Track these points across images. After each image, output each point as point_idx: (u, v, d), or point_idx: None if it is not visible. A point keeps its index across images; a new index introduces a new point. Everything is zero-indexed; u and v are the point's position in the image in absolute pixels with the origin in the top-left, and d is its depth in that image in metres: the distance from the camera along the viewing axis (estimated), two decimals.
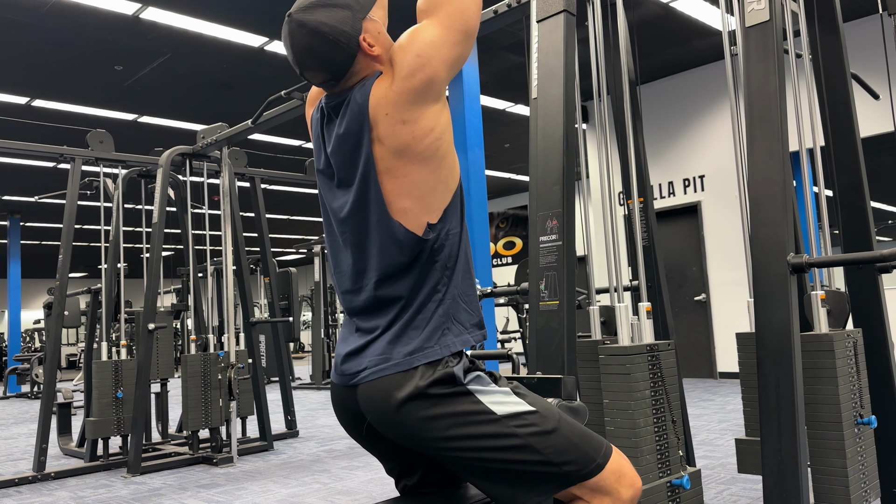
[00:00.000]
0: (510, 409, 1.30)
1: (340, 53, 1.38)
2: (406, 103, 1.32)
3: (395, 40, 1.45)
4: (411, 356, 1.30)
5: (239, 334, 5.41)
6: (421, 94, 1.32)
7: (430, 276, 1.35)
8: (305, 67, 1.43)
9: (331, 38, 1.37)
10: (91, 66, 7.07)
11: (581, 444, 1.32)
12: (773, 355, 1.95)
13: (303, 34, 1.38)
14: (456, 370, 1.30)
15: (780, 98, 2.07)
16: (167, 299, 15.25)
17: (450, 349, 1.32)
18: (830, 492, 2.09)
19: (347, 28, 1.38)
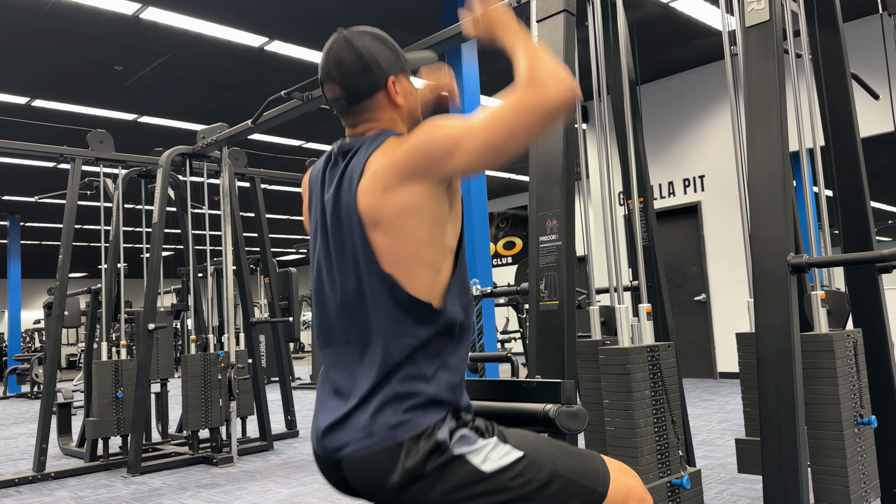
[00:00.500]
0: (500, 463, 1.26)
1: (365, 78, 1.40)
2: (394, 173, 1.30)
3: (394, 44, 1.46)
4: (395, 430, 1.25)
5: (239, 334, 5.41)
6: (411, 173, 1.29)
7: (421, 340, 1.29)
8: (328, 77, 1.43)
9: (364, 60, 1.40)
10: (91, 66, 7.07)
11: (579, 480, 1.29)
12: (773, 355, 1.95)
13: (341, 47, 1.42)
14: (440, 436, 1.25)
15: (780, 98, 2.07)
16: (167, 299, 15.25)
17: (434, 417, 1.27)
18: (830, 492, 2.09)
19: (383, 63, 1.41)
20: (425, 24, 6.59)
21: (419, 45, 3.17)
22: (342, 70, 1.41)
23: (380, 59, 1.41)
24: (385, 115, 1.43)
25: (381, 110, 1.43)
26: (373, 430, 1.26)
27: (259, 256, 9.21)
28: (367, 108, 1.42)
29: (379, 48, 1.42)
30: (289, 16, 6.27)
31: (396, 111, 1.44)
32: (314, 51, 7.04)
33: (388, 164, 1.30)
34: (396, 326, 1.30)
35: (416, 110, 1.50)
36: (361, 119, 1.43)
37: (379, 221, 1.30)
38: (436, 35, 3.10)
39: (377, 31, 1.45)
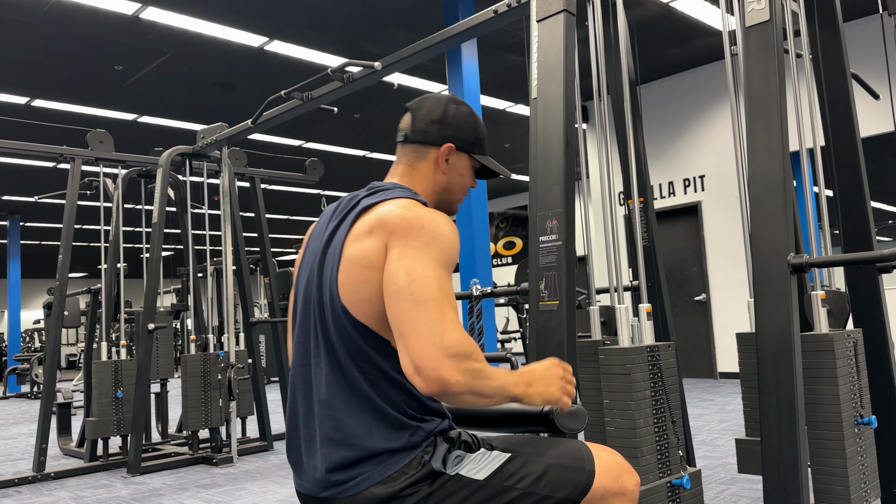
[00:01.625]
0: (489, 468, 1.29)
1: (432, 128, 1.48)
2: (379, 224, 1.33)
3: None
4: (391, 460, 1.26)
5: (239, 334, 5.41)
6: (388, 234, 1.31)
7: (388, 370, 1.30)
8: (411, 109, 1.53)
9: (444, 116, 1.49)
10: (91, 66, 7.07)
11: (568, 464, 1.34)
12: (774, 355, 1.95)
13: (441, 97, 1.53)
14: (435, 465, 1.27)
15: (780, 98, 2.07)
16: (167, 299, 15.25)
17: (422, 445, 1.28)
18: (830, 492, 2.09)
19: (456, 131, 1.49)
20: (425, 24, 6.59)
21: (419, 45, 3.17)
22: (423, 109, 1.50)
23: (457, 125, 1.49)
24: (422, 171, 1.48)
25: (423, 164, 1.48)
26: (364, 466, 1.29)
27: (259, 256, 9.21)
28: (415, 152, 1.48)
29: (464, 120, 1.50)
30: (289, 16, 6.27)
31: (435, 176, 1.48)
32: (314, 51, 7.04)
33: (385, 214, 1.33)
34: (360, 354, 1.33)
35: (453, 196, 1.52)
36: (405, 160, 1.49)
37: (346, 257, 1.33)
38: (436, 35, 3.10)
39: (476, 114, 1.54)
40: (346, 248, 1.33)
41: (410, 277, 1.23)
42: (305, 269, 1.45)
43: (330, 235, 1.40)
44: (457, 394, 1.19)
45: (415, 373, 1.18)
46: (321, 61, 7.26)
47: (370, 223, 1.33)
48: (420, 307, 1.20)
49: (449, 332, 1.20)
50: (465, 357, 1.20)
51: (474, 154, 1.52)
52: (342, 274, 1.31)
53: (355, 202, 1.41)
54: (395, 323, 1.23)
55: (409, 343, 1.19)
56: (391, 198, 1.37)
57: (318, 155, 10.46)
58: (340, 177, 12.44)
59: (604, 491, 1.36)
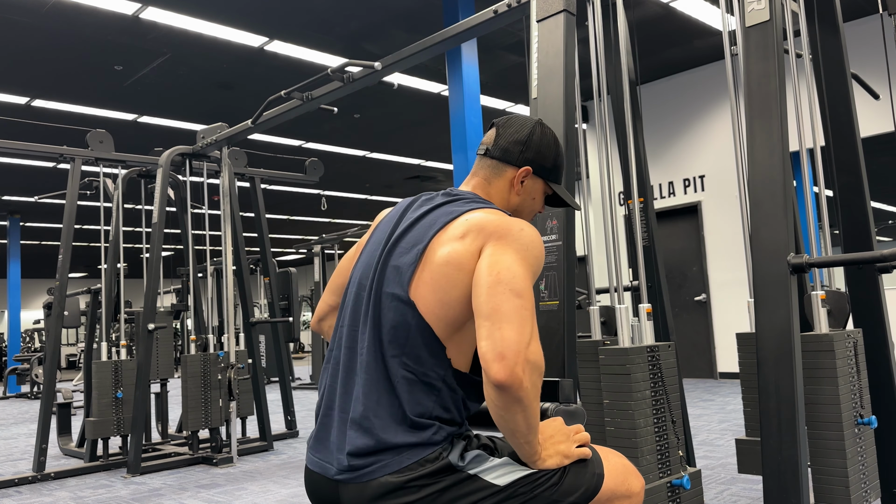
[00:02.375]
0: (511, 477, 1.31)
1: (514, 148, 1.51)
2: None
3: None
4: (409, 452, 1.27)
5: (239, 334, 5.41)
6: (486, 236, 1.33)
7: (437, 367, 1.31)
8: (498, 126, 1.55)
9: (529, 139, 1.51)
10: (91, 66, 7.07)
11: (578, 468, 1.36)
12: (774, 355, 1.95)
13: (530, 120, 1.55)
14: (452, 459, 1.28)
15: (780, 98, 2.07)
16: (167, 299, 15.25)
17: (441, 444, 1.29)
18: (830, 492, 2.09)
19: (537, 156, 1.51)
20: (425, 24, 6.59)
21: (419, 46, 3.17)
22: (510, 127, 1.53)
23: (538, 150, 1.51)
24: (498, 188, 1.51)
25: (499, 181, 1.51)
26: (382, 454, 1.30)
27: (259, 256, 9.21)
28: (493, 168, 1.52)
29: (548, 147, 1.53)
30: (289, 16, 6.27)
31: (509, 195, 1.51)
32: (314, 51, 7.04)
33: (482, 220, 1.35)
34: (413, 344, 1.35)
35: (524, 215, 1.55)
36: (482, 174, 1.52)
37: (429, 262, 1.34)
38: (436, 35, 3.10)
39: (559, 142, 1.57)
40: (431, 248, 1.34)
41: (511, 272, 1.25)
42: (367, 257, 1.46)
43: (404, 231, 1.41)
44: (519, 399, 1.19)
45: (495, 359, 1.17)
46: (321, 61, 7.26)
47: (464, 227, 1.34)
48: (517, 301, 1.22)
49: (535, 340, 1.22)
50: (538, 371, 1.22)
51: (550, 181, 1.55)
52: (425, 274, 1.32)
53: (436, 205, 1.43)
54: (487, 309, 1.22)
55: (499, 330, 1.19)
56: (478, 207, 1.40)
57: (318, 155, 10.47)
58: (340, 177, 12.44)
59: (610, 494, 1.37)
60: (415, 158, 11.65)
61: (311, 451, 1.40)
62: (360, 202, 15.25)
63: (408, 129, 9.99)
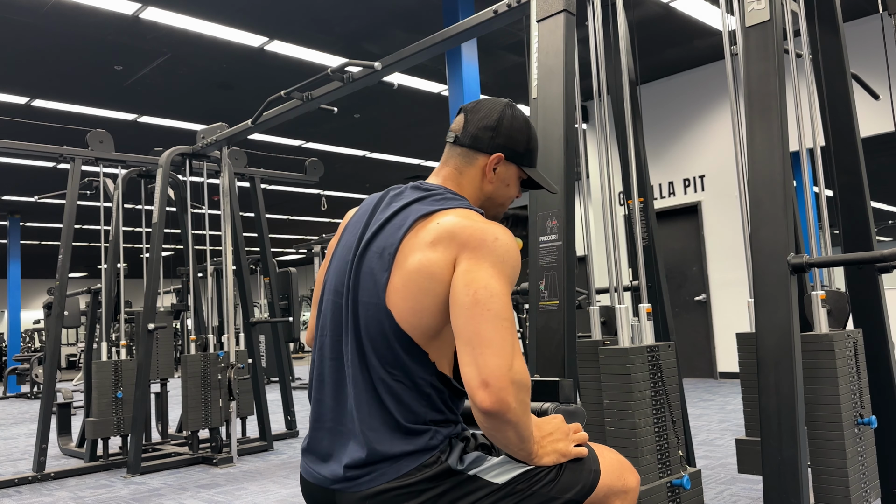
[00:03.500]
0: (509, 475, 1.31)
1: (485, 134, 1.44)
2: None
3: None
4: (407, 459, 1.26)
5: (239, 334, 5.41)
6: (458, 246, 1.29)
7: (422, 371, 1.30)
8: (466, 111, 1.48)
9: (499, 123, 1.44)
10: (91, 66, 7.07)
11: (577, 465, 1.36)
12: (774, 355, 1.95)
13: (498, 103, 1.48)
14: (451, 462, 1.27)
15: (780, 98, 2.07)
16: (167, 299, 15.25)
17: (439, 447, 1.29)
18: (830, 492, 2.09)
19: (508, 141, 1.45)
20: (425, 24, 6.59)
21: (419, 45, 3.17)
22: (479, 113, 1.46)
23: (509, 135, 1.45)
24: (469, 177, 1.45)
25: (470, 169, 1.45)
26: (378, 462, 1.29)
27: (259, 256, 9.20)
28: (463, 156, 1.45)
29: (519, 131, 1.46)
30: (289, 16, 6.27)
31: (482, 184, 1.46)
32: (314, 51, 7.04)
33: (450, 225, 1.31)
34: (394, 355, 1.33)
35: (497, 206, 1.50)
36: (452, 164, 1.46)
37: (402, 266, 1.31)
38: (436, 35, 3.10)
39: (531, 124, 1.50)
40: (402, 255, 1.30)
41: (488, 291, 1.22)
42: (338, 262, 1.42)
43: (374, 234, 1.37)
44: (508, 422, 1.19)
45: (480, 386, 1.16)
46: (321, 61, 7.26)
47: (435, 235, 1.29)
48: (496, 323, 1.20)
49: (517, 357, 1.20)
50: (524, 389, 1.21)
51: (523, 166, 1.49)
52: (396, 280, 1.29)
53: (405, 203, 1.38)
54: (465, 332, 1.20)
55: (480, 356, 1.18)
56: (449, 207, 1.35)
57: (318, 155, 10.46)
58: (340, 177, 12.44)
59: (607, 490, 1.38)
60: (415, 158, 11.65)
61: (306, 460, 1.40)
62: (360, 202, 15.22)
63: (408, 129, 9.99)
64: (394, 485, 1.25)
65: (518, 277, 1.31)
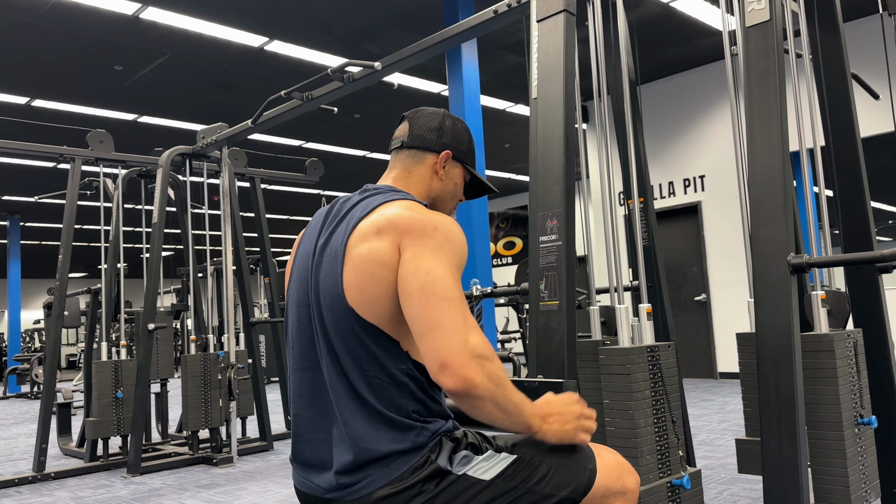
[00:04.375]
0: (496, 470, 1.31)
1: (430, 135, 1.52)
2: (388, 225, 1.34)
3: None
4: (397, 462, 1.26)
5: (239, 334, 5.41)
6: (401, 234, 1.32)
7: (399, 366, 1.30)
8: (407, 119, 1.57)
9: (442, 125, 1.53)
10: (91, 66, 7.07)
11: (571, 463, 1.36)
12: (774, 355, 1.95)
13: (437, 112, 1.57)
14: (441, 463, 1.28)
15: (780, 98, 2.07)
16: (167, 299, 15.25)
17: (428, 445, 1.29)
18: (830, 492, 2.09)
19: (453, 141, 1.53)
20: (425, 24, 6.59)
21: (419, 46, 3.17)
22: (420, 118, 1.55)
23: (453, 135, 1.54)
24: (418, 176, 1.51)
25: (420, 168, 1.51)
26: (368, 468, 1.30)
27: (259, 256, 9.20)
28: (411, 157, 1.52)
29: (461, 132, 1.56)
30: (289, 16, 6.27)
31: (431, 181, 1.52)
32: (314, 51, 7.04)
33: (392, 216, 1.33)
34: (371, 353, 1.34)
35: (445, 205, 1.56)
36: (400, 166, 1.52)
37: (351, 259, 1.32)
38: (436, 35, 3.10)
39: (468, 129, 1.59)
40: (350, 248, 1.32)
41: (431, 277, 1.24)
42: (298, 273, 1.44)
43: (327, 239, 1.39)
44: (479, 397, 1.21)
45: (440, 370, 1.19)
46: (321, 61, 7.26)
47: (377, 224, 1.32)
48: (444, 305, 1.22)
49: (472, 332, 1.22)
50: (487, 359, 1.22)
51: (467, 165, 1.56)
52: (348, 274, 1.31)
53: (352, 205, 1.41)
54: (417, 321, 1.23)
55: (434, 341, 1.20)
56: (392, 199, 1.38)
57: (318, 155, 10.46)
58: (340, 177, 12.44)
59: (605, 490, 1.37)
60: None
61: (297, 471, 1.40)
62: None
63: None
64: (387, 491, 1.24)
65: (465, 263, 1.33)
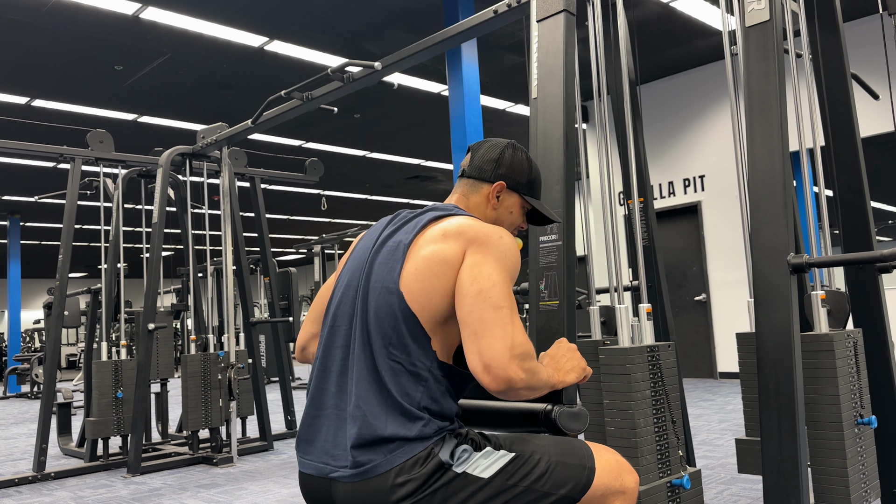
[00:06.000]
0: (495, 468, 1.33)
1: (488, 166, 1.62)
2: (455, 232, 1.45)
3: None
4: (402, 449, 1.29)
5: (239, 334, 5.41)
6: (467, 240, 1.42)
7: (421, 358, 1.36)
8: (472, 150, 1.68)
9: (501, 157, 1.62)
10: (91, 66, 7.07)
11: (570, 461, 1.39)
12: (774, 355, 1.95)
13: (504, 144, 1.66)
14: (443, 457, 1.30)
15: (780, 98, 2.07)
16: (167, 299, 15.25)
17: (432, 438, 1.31)
18: (830, 492, 2.09)
19: (510, 171, 1.62)
20: (425, 24, 6.59)
21: (419, 45, 3.17)
22: (483, 149, 1.65)
23: (510, 166, 1.62)
24: (475, 203, 1.61)
25: (475, 196, 1.62)
26: (373, 453, 1.33)
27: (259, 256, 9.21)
28: (470, 185, 1.63)
29: (519, 164, 1.64)
30: (289, 16, 6.27)
31: (486, 210, 1.61)
32: (314, 51, 7.04)
33: (458, 225, 1.44)
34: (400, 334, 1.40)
35: (501, 218, 1.64)
36: (460, 191, 1.64)
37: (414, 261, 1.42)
38: (436, 35, 3.10)
39: (532, 161, 1.68)
40: (415, 245, 1.42)
41: (491, 283, 1.34)
42: (353, 262, 1.52)
43: (390, 234, 1.49)
44: (517, 390, 1.31)
45: (484, 371, 1.28)
46: (321, 61, 7.26)
47: (446, 229, 1.43)
48: (497, 312, 1.31)
49: (518, 334, 1.32)
50: (527, 357, 1.32)
51: (525, 195, 1.64)
52: (409, 265, 1.39)
53: (418, 213, 1.53)
54: (470, 320, 1.32)
55: (482, 341, 1.29)
56: (459, 214, 1.51)
57: (318, 155, 10.46)
58: (340, 177, 12.44)
59: (605, 489, 1.39)
60: (415, 158, 11.65)
61: (302, 454, 1.42)
62: (360, 202, 15.24)
63: (408, 130, 9.99)
64: (388, 480, 1.26)
65: (517, 277, 1.43)
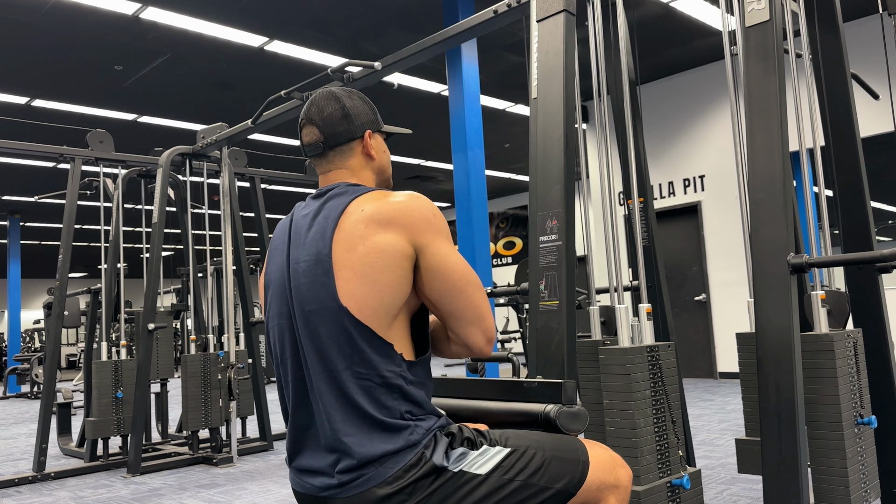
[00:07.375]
0: (492, 463, 1.33)
1: (343, 125, 1.48)
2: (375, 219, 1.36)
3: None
4: (392, 460, 1.27)
5: (239, 334, 5.41)
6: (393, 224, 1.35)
7: (388, 365, 1.32)
8: (309, 121, 1.50)
9: (345, 110, 1.49)
10: (91, 66, 7.07)
11: (565, 456, 1.40)
12: (773, 355, 1.95)
13: (324, 97, 1.51)
14: (436, 460, 1.29)
15: (780, 98, 2.07)
16: (167, 299, 15.25)
17: (422, 442, 1.30)
18: (830, 492, 2.09)
19: (362, 116, 1.51)
20: (425, 24, 6.59)
21: (419, 45, 3.17)
22: (323, 115, 1.48)
23: (359, 112, 1.51)
24: (357, 165, 1.51)
25: (354, 159, 1.50)
26: (364, 466, 1.33)
27: (259, 256, 9.20)
28: (342, 154, 1.49)
29: (359, 104, 1.52)
30: (289, 16, 6.27)
31: (369, 164, 1.52)
32: (314, 51, 7.04)
33: (373, 210, 1.35)
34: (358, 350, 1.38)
35: (387, 169, 1.58)
36: (335, 165, 1.50)
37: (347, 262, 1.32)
38: (436, 35, 3.10)
39: (358, 91, 1.56)
40: (339, 252, 1.32)
41: (466, 269, 1.40)
42: (275, 288, 1.43)
43: (300, 248, 1.39)
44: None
45: (486, 343, 1.43)
46: (321, 61, 7.26)
47: (366, 221, 1.33)
48: (482, 291, 1.42)
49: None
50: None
51: (381, 130, 1.56)
52: (345, 273, 1.30)
53: (315, 211, 1.41)
54: (468, 311, 1.40)
55: (483, 323, 1.42)
56: (360, 194, 1.39)
57: None
58: None
59: (599, 483, 1.40)
60: (415, 158, 11.65)
61: (293, 472, 1.41)
62: None
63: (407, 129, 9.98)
64: (382, 491, 1.25)
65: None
